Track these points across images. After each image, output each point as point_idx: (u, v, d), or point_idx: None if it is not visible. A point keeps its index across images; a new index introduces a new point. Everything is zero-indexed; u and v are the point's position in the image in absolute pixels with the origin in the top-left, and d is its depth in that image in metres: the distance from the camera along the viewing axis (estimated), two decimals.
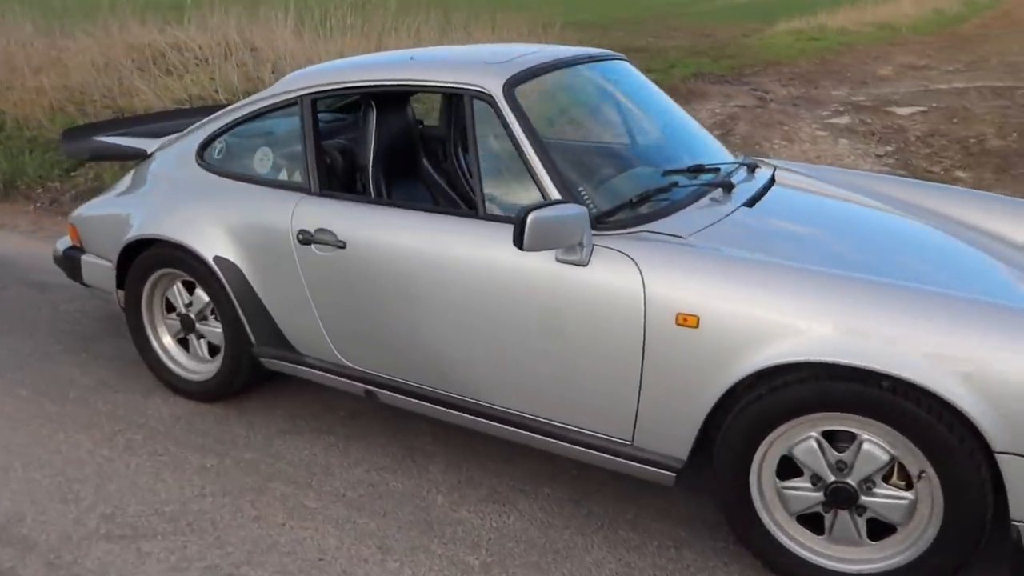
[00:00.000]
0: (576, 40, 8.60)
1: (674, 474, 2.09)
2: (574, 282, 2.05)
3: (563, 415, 2.19)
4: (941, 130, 7.10)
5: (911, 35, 14.82)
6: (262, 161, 2.69)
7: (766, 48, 12.44)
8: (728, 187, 2.37)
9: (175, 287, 2.86)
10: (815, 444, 1.92)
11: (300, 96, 2.54)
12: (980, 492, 1.77)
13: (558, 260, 2.06)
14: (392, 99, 2.66)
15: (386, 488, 2.46)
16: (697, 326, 1.92)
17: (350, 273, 2.40)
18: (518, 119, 2.16)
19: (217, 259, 2.62)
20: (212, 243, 2.64)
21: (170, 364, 2.96)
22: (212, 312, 2.79)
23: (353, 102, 3.08)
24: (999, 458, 1.73)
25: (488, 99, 2.20)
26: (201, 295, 2.78)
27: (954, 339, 1.75)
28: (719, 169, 2.47)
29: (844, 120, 7.59)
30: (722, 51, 12.02)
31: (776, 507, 2.03)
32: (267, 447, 2.68)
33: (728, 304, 1.91)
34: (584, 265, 2.03)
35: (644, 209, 2.15)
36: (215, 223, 2.65)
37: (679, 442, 2.05)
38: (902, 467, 1.87)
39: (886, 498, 1.89)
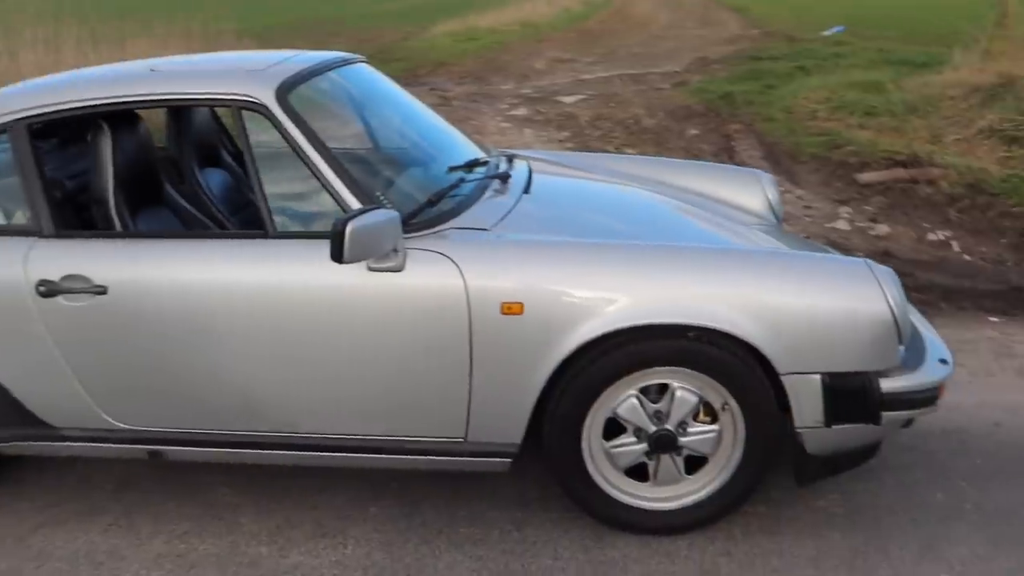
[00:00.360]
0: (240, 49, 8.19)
1: (510, 459, 2.15)
2: (393, 289, 1.99)
3: (394, 428, 2.13)
4: (604, 114, 8.01)
5: (550, 32, 16.44)
6: None
7: (431, 49, 12.95)
8: (505, 178, 2.46)
9: None
10: (635, 401, 2.09)
11: (10, 123, 2.11)
12: (772, 411, 2.07)
13: (371, 269, 1.98)
14: (126, 118, 2.33)
15: (197, 555, 2.18)
16: (522, 312, 1.98)
17: (116, 322, 2.07)
18: (299, 127, 2.03)
19: None
20: None
21: None
22: None
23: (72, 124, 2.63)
24: (784, 379, 2.04)
25: (261, 108, 2.04)
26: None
27: (741, 286, 2.03)
28: (488, 162, 2.56)
29: (522, 111, 8.22)
30: (390, 54, 12.27)
31: (607, 467, 2.18)
32: (23, 549, 2.22)
33: (549, 286, 2.00)
34: (401, 270, 1.98)
35: (442, 207, 2.16)
36: None
37: (513, 428, 2.11)
38: (707, 404, 2.12)
39: (698, 435, 2.13)
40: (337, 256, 1.81)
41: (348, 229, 1.80)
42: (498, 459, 2.14)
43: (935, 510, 2.34)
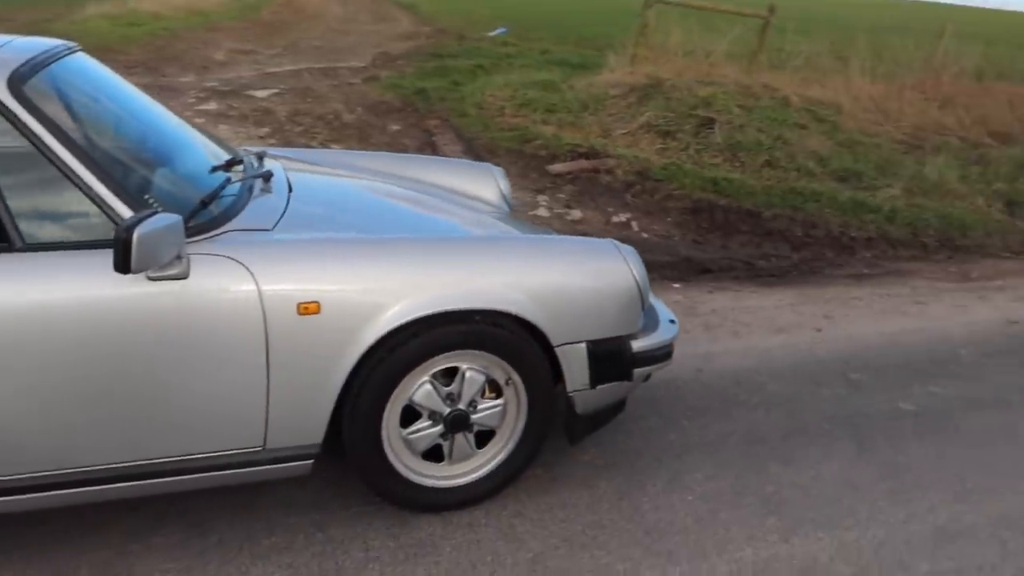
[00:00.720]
0: None
1: (311, 461, 2.13)
2: (179, 299, 1.86)
3: (188, 446, 1.99)
4: (302, 109, 7.86)
5: (222, 22, 15.51)
6: None
7: (85, 35, 11.51)
8: (268, 177, 2.40)
9: None
10: (430, 386, 2.20)
11: None
12: (548, 380, 2.32)
13: (151, 279, 1.83)
14: None
15: None
16: (319, 311, 1.98)
17: None
18: (45, 125, 1.80)
19: None
20: None
21: None
22: None
23: None
24: (557, 351, 2.29)
25: None
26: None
27: (517, 270, 2.23)
28: (243, 160, 2.46)
29: (213, 106, 7.74)
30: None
31: (406, 454, 2.26)
32: None
33: (345, 284, 2.02)
34: (186, 278, 1.86)
35: (216, 209, 2.05)
36: None
37: (314, 429, 2.09)
38: (492, 381, 2.30)
39: (487, 410, 2.31)
40: (123, 266, 1.66)
41: (135, 236, 1.65)
42: (300, 463, 2.11)
43: (671, 448, 2.78)
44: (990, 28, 25.68)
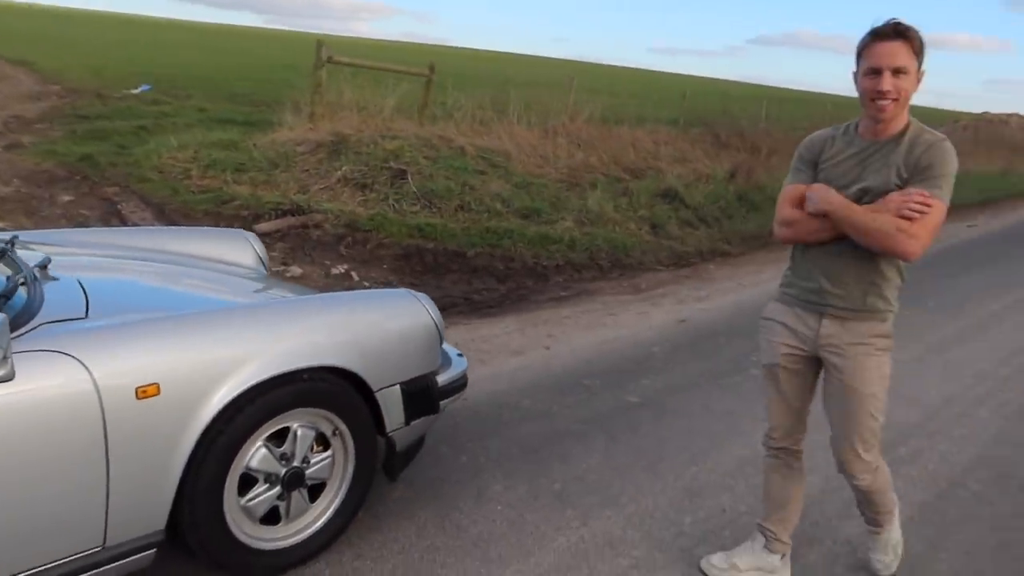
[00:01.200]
0: None
1: (155, 550, 2.06)
2: (7, 402, 1.72)
3: (18, 562, 1.81)
4: None
5: None
6: None
7: None
8: (45, 264, 2.25)
9: None
10: (265, 450, 2.25)
11: None
12: (371, 426, 2.49)
13: None
14: None
15: None
16: (159, 393, 1.95)
17: None
18: None
19: None
20: None
21: None
22: None
23: None
24: (377, 395, 2.47)
25: None
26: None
27: (333, 326, 2.38)
28: (4, 247, 2.27)
29: None
30: None
31: (246, 522, 2.27)
32: None
33: (180, 362, 2.00)
34: (12, 379, 1.73)
35: (17, 303, 1.91)
36: None
37: (157, 515, 2.03)
38: (320, 435, 2.41)
39: (318, 464, 2.40)
40: None
41: None
42: (143, 554, 2.03)
43: (466, 469, 3.08)
44: (612, 82, 30.06)
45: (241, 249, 3.26)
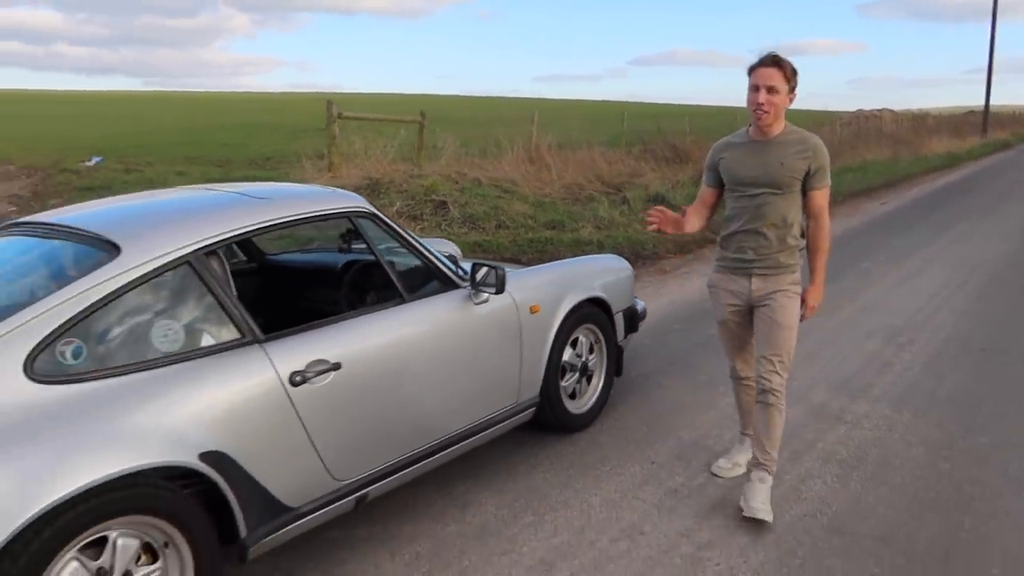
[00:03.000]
0: None
1: (535, 408, 3.48)
2: (488, 313, 3.15)
3: (484, 410, 3.19)
4: None
5: None
6: (167, 337, 2.30)
7: None
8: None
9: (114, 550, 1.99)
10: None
11: (186, 256, 2.40)
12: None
13: (476, 304, 3.10)
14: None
15: None
16: (540, 310, 3.39)
17: (350, 387, 2.61)
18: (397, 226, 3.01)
19: (211, 456, 2.22)
20: (186, 446, 2.18)
21: None
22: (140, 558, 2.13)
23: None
24: (615, 315, 3.95)
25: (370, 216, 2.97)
26: (127, 544, 2.09)
27: (598, 274, 3.91)
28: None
29: None
30: None
31: (565, 397, 3.70)
32: None
33: (546, 294, 3.48)
34: (487, 302, 3.15)
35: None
36: (157, 426, 2.17)
37: (536, 384, 3.46)
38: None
39: (592, 360, 3.85)
40: (501, 288, 2.98)
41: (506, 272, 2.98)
42: (529, 410, 3.45)
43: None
44: (504, 112, 31.00)
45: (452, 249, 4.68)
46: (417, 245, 3.07)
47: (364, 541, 2.88)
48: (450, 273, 3.14)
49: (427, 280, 3.11)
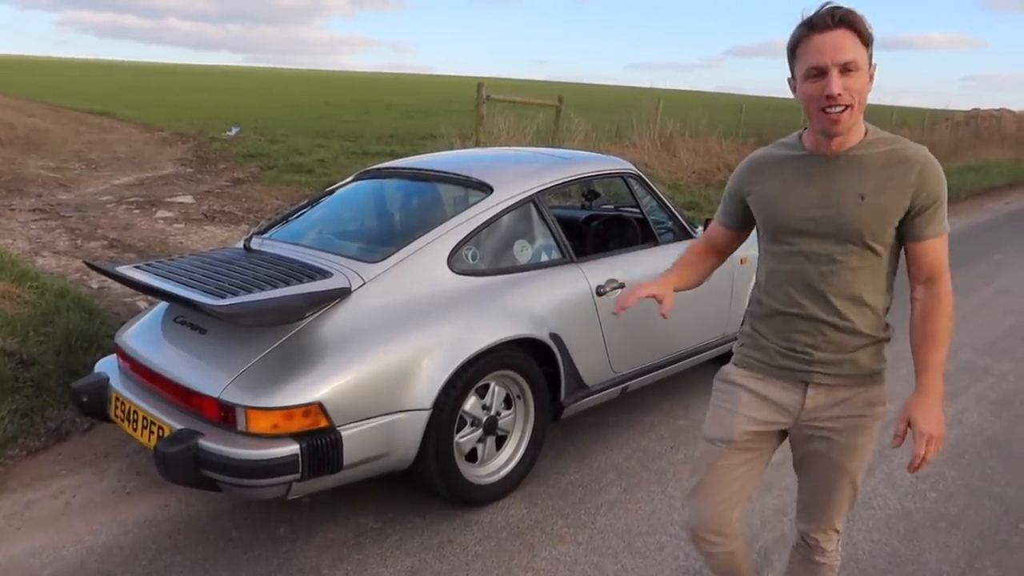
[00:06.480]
0: None
1: (732, 343, 4.30)
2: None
3: (702, 338, 4.04)
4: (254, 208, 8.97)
5: None
6: (523, 251, 3.26)
7: None
8: None
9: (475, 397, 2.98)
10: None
11: (531, 195, 3.35)
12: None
13: None
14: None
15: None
16: (747, 262, 4.20)
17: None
18: (655, 188, 3.87)
19: (553, 336, 3.15)
20: (542, 326, 3.13)
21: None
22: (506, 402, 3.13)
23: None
24: None
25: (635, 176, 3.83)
26: (499, 391, 3.10)
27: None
28: None
29: (194, 213, 8.53)
30: None
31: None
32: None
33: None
34: None
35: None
36: (525, 310, 3.12)
37: (736, 323, 4.28)
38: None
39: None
40: None
41: None
42: (731, 343, 4.25)
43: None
44: (596, 100, 30.49)
45: None
46: (667, 203, 3.93)
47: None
48: (687, 225, 3.99)
49: (671, 229, 3.98)
